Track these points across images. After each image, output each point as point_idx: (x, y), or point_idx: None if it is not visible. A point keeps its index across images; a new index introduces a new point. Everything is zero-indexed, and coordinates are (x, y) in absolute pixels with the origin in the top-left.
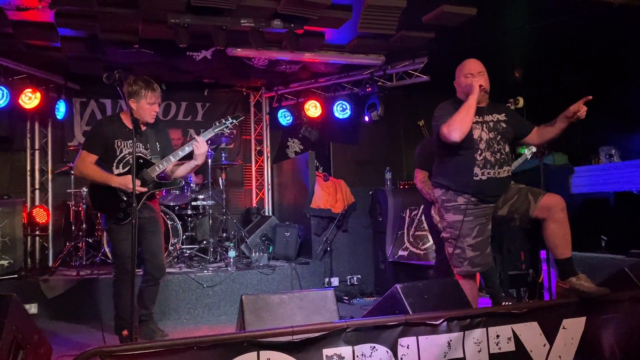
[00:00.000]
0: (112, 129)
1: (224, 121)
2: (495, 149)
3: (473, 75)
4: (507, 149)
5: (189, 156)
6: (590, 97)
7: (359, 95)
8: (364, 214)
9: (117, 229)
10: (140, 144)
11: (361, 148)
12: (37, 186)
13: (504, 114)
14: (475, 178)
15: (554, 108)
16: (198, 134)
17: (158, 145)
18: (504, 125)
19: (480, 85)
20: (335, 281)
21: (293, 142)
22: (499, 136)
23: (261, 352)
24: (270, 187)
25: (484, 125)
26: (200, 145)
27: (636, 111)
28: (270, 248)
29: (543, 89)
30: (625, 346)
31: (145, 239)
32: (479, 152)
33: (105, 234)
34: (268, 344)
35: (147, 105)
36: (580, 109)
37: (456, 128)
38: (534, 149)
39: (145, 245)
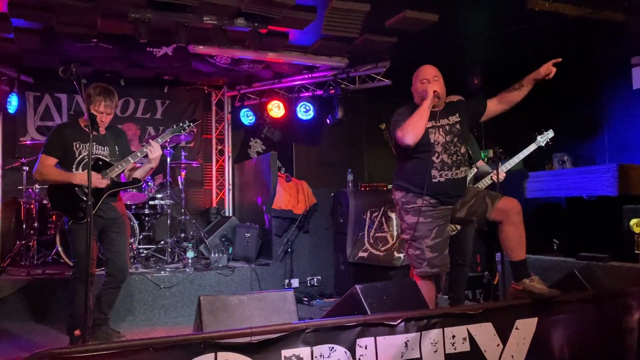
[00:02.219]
0: (70, 132)
1: (181, 124)
2: (452, 151)
3: (428, 81)
4: (463, 149)
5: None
6: (560, 59)
7: (323, 97)
8: (326, 215)
9: (78, 228)
10: (100, 146)
11: (324, 149)
12: None
13: (457, 114)
14: (433, 180)
15: (512, 114)
16: (157, 131)
17: (117, 149)
18: (458, 127)
19: (435, 91)
20: (295, 282)
21: (255, 142)
22: (455, 138)
23: (219, 354)
24: (231, 187)
25: (440, 129)
26: (154, 150)
27: (588, 119)
28: (230, 249)
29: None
30: (574, 346)
31: (108, 239)
32: (436, 155)
33: (58, 233)
34: (226, 345)
35: (93, 112)
36: (550, 70)
37: (409, 132)
38: (549, 135)
39: (108, 245)
